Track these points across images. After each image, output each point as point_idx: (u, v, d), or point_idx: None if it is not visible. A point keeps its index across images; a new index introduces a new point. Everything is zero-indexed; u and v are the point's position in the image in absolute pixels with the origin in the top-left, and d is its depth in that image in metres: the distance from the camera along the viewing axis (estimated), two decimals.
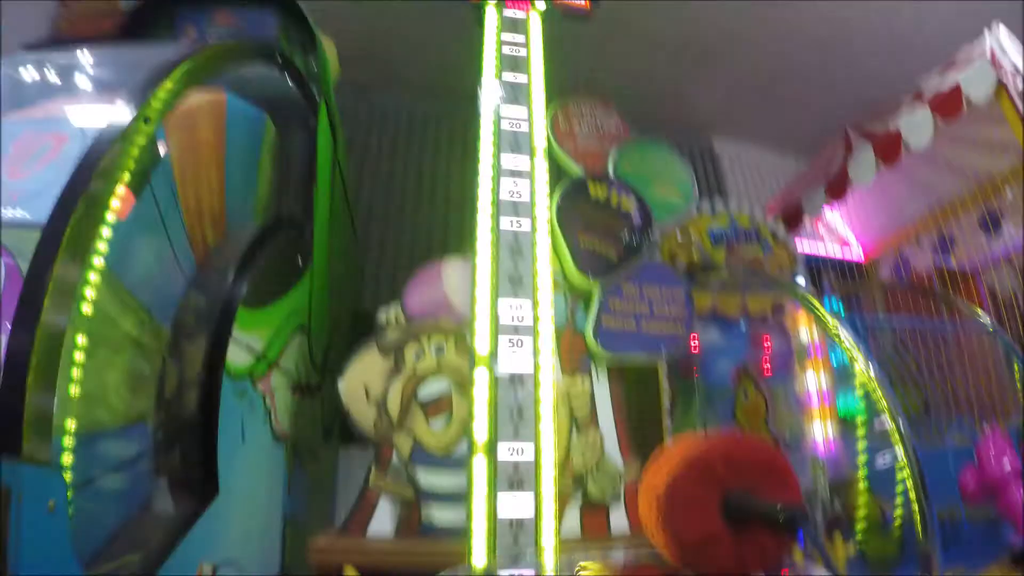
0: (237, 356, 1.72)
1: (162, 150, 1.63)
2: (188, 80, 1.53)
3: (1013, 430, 2.12)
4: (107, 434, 1.38)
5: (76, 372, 1.19)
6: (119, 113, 1.37)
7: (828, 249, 3.98)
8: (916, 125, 2.83)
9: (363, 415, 2.00)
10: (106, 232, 1.23)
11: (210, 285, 1.71)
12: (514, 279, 2.03)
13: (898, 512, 2.31)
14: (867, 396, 2.75)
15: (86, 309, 1.19)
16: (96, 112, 1.61)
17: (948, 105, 2.69)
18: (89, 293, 1.19)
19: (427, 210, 4.24)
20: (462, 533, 1.81)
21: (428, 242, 4.10)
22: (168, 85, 1.45)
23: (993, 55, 2.56)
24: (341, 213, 3.04)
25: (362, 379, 2.01)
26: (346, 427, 2.12)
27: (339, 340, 2.88)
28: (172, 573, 1.31)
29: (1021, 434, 2.13)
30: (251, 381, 1.83)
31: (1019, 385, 2.67)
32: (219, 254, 1.81)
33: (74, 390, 1.18)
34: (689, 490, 1.06)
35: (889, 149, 2.98)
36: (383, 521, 1.97)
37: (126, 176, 1.30)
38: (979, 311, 2.99)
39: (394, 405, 1.99)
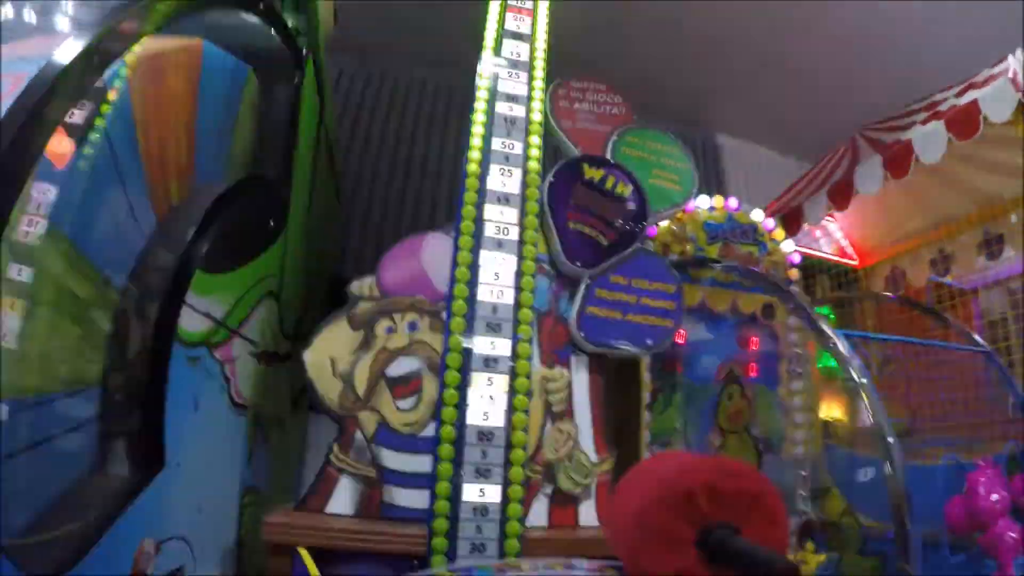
0: (192, 322, 1.62)
1: (114, 96, 1.51)
2: (147, 22, 1.41)
3: (1003, 458, 2.06)
4: (52, 398, 1.29)
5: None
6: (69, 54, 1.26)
7: (824, 253, 3.92)
8: (929, 139, 2.75)
9: (328, 389, 1.91)
10: (44, 186, 1.13)
11: (169, 245, 1.61)
12: (497, 259, 1.95)
13: (878, 527, 2.27)
14: (855, 406, 2.70)
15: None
16: (64, 52, 1.50)
17: (964, 122, 2.62)
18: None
19: (418, 181, 4.14)
20: (424, 517, 1.75)
21: (416, 214, 4.01)
22: (125, 24, 1.34)
23: (1015, 77, 2.49)
24: (324, 177, 2.93)
25: (329, 351, 1.91)
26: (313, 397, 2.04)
27: (314, 309, 2.79)
28: (111, 549, 1.24)
29: (1010, 465, 2.08)
30: (208, 348, 1.73)
31: (1010, 412, 2.62)
32: (181, 212, 1.70)
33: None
34: (665, 521, 0.94)
35: (898, 161, 2.91)
36: (343, 499, 1.89)
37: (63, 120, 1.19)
38: (972, 332, 2.94)
39: (361, 381, 1.90)
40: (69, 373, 1.34)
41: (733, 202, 2.67)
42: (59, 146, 1.30)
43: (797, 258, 2.73)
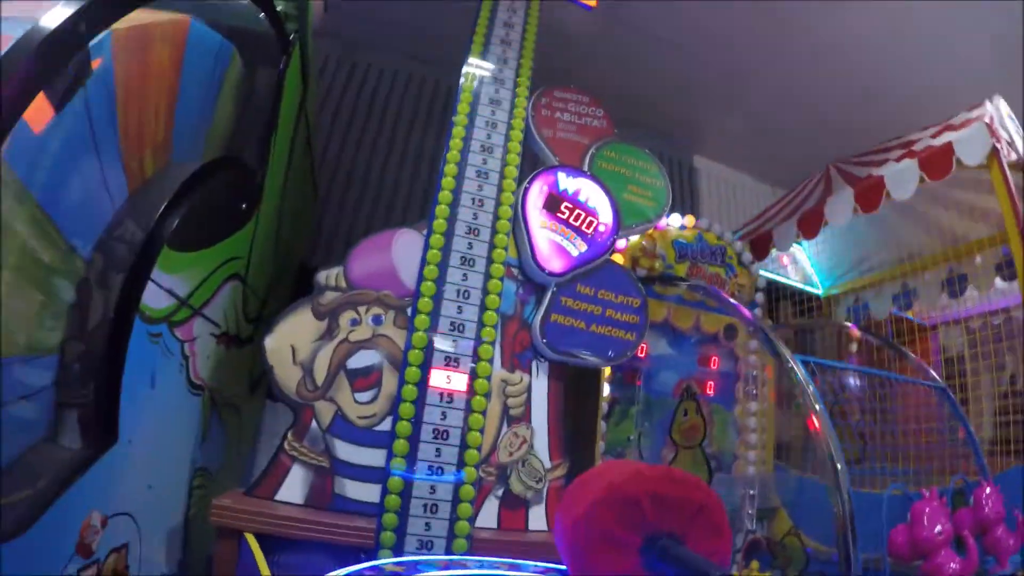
0: (155, 299, 1.60)
1: (96, 65, 1.50)
2: None
3: (949, 491, 2.13)
4: (7, 362, 1.26)
5: None
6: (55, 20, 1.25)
7: (789, 280, 4.01)
8: (901, 177, 2.82)
9: (286, 376, 1.90)
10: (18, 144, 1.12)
11: (138, 219, 1.59)
12: (466, 259, 1.96)
13: (823, 550, 2.31)
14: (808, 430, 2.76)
15: None
16: (51, 18, 1.48)
17: (937, 163, 2.68)
18: None
19: (395, 177, 4.12)
20: (374, 510, 1.75)
21: (390, 210, 4.00)
22: None
23: (991, 123, 2.57)
24: (300, 164, 2.91)
25: (290, 338, 1.91)
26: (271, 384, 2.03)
27: (279, 295, 2.77)
28: (58, 520, 1.22)
29: (955, 499, 2.14)
30: (169, 326, 1.71)
31: (959, 447, 2.70)
32: (153, 187, 1.68)
33: None
34: (609, 526, 0.95)
35: (869, 196, 2.98)
36: (294, 488, 1.88)
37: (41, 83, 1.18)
38: (929, 368, 3.02)
39: (320, 370, 1.90)
40: (27, 339, 1.32)
41: (704, 223, 2.72)
42: (38, 111, 1.28)
43: (763, 282, 2.79)
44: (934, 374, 2.96)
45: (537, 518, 1.97)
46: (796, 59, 4.18)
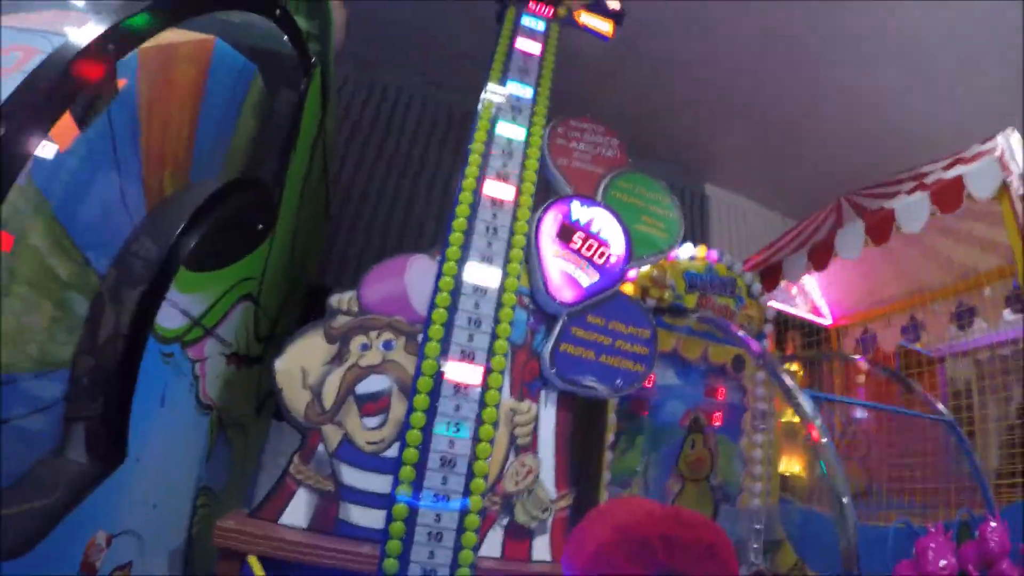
0: (169, 318, 1.61)
1: (123, 83, 1.53)
2: (165, 16, 1.43)
3: (955, 524, 2.10)
4: (21, 378, 1.27)
5: None
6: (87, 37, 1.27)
7: (798, 311, 4.00)
8: (912, 210, 2.83)
9: (295, 399, 1.90)
10: (43, 164, 1.14)
11: (155, 237, 1.61)
12: (479, 287, 1.97)
13: None
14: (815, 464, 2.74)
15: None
16: (76, 30, 1.51)
17: (948, 196, 2.69)
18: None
19: (408, 201, 4.15)
20: (378, 537, 1.74)
21: (402, 234, 4.02)
22: (142, 17, 1.36)
23: (1002, 156, 2.58)
24: (316, 186, 2.94)
25: (300, 361, 1.91)
26: (279, 406, 2.03)
27: (289, 316, 2.78)
28: (64, 538, 1.22)
29: (961, 532, 2.12)
30: (181, 345, 1.72)
31: (966, 480, 2.68)
32: (171, 206, 1.70)
33: None
34: (619, 566, 0.97)
35: (880, 228, 2.99)
36: (298, 511, 1.88)
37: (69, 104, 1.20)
38: (936, 401, 3.00)
39: (330, 394, 1.90)
40: (40, 352, 1.33)
41: (714, 254, 2.73)
42: (63, 129, 1.30)
43: (771, 313, 2.79)
44: (941, 407, 2.94)
45: (541, 549, 1.95)
46: (809, 90, 4.22)
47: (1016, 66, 3.74)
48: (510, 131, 2.21)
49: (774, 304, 2.84)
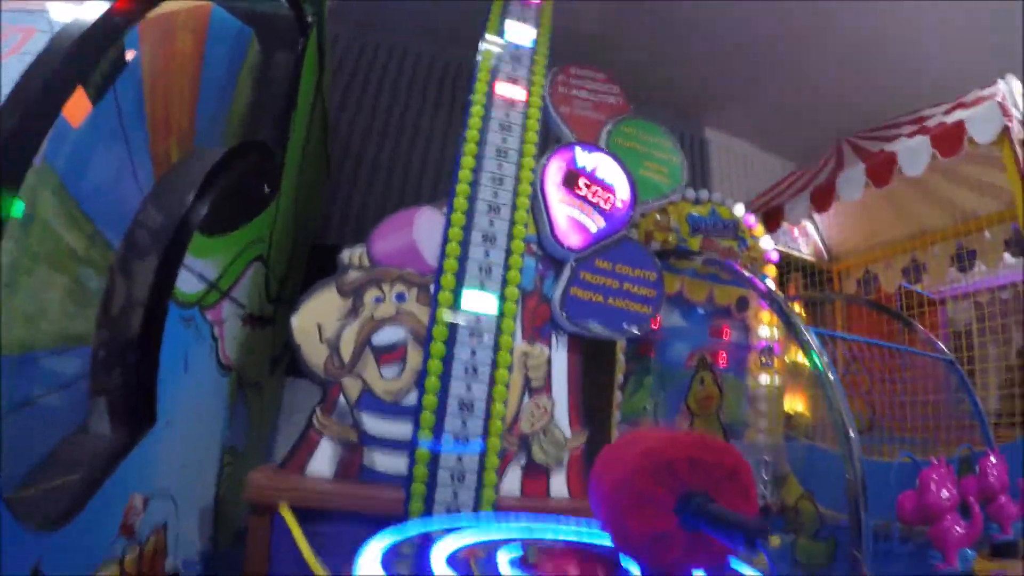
0: (187, 283, 1.63)
1: (131, 56, 1.52)
2: None
3: (955, 460, 2.18)
4: (45, 354, 1.30)
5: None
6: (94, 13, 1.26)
7: (800, 252, 4.02)
8: (913, 153, 2.83)
9: (314, 354, 1.95)
10: (54, 143, 1.14)
11: (167, 205, 1.61)
12: (487, 236, 1.99)
13: (833, 515, 2.36)
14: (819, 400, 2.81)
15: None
16: (74, 10, 1.50)
17: (949, 140, 2.69)
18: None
19: (407, 156, 4.13)
20: (402, 481, 1.81)
21: (403, 190, 4.01)
22: None
23: (1003, 101, 2.57)
24: (316, 145, 2.94)
25: (316, 317, 1.96)
26: (294, 361, 2.07)
27: (295, 275, 2.81)
28: (103, 504, 1.25)
29: (961, 467, 2.19)
30: (200, 309, 1.75)
31: (966, 418, 2.74)
32: (180, 173, 1.70)
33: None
34: (648, 488, 1.01)
35: (881, 171, 2.99)
36: (323, 462, 1.95)
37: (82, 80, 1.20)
38: (937, 340, 3.05)
39: (347, 347, 1.95)
40: (59, 329, 1.34)
41: (717, 196, 2.74)
42: (76, 106, 1.30)
43: (775, 255, 2.82)
44: (942, 346, 2.99)
45: (558, 485, 2.03)
46: (809, 33, 4.15)
47: (1017, 11, 3.68)
48: (511, 80, 2.20)
49: (776, 246, 2.86)
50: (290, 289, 2.67)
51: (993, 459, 2.05)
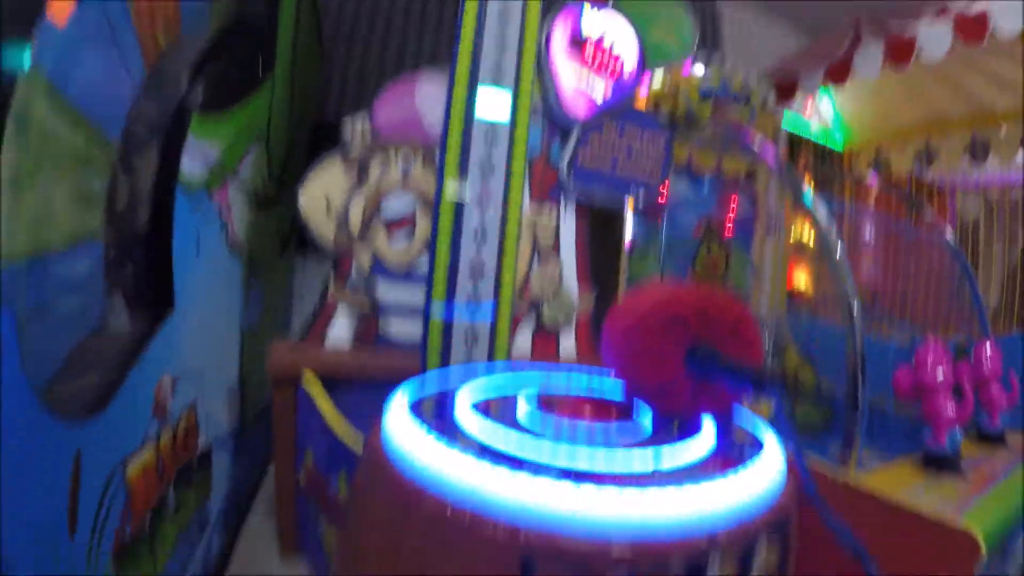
0: (192, 167, 1.62)
1: None
2: None
3: (952, 345, 2.20)
4: (56, 256, 1.29)
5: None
6: None
7: (812, 129, 3.92)
8: (934, 38, 2.68)
9: (323, 227, 1.97)
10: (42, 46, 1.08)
11: (162, 91, 1.55)
12: (494, 102, 1.94)
13: (830, 384, 2.45)
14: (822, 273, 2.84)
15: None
16: None
17: (972, 29, 2.53)
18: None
19: (403, 24, 3.92)
20: (417, 346, 1.87)
21: (399, 61, 3.83)
22: None
23: None
24: (308, 18, 2.80)
25: (323, 190, 1.95)
26: (303, 239, 2.08)
27: (298, 154, 2.78)
28: (134, 389, 1.30)
29: (957, 353, 2.21)
30: (207, 192, 1.74)
31: (966, 308, 2.74)
32: (172, 57, 1.63)
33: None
34: (658, 339, 1.05)
35: (900, 52, 2.85)
36: (341, 332, 2.01)
37: None
38: (945, 226, 3.03)
39: (356, 218, 1.96)
40: (69, 228, 1.31)
41: (729, 65, 2.64)
42: (60, 7, 1.23)
43: (784, 132, 2.75)
44: (949, 233, 2.97)
45: (567, 346, 2.10)
46: None
47: None
48: None
49: (787, 126, 2.78)
50: (294, 169, 2.65)
51: (988, 349, 2.07)
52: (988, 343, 2.07)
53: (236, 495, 2.10)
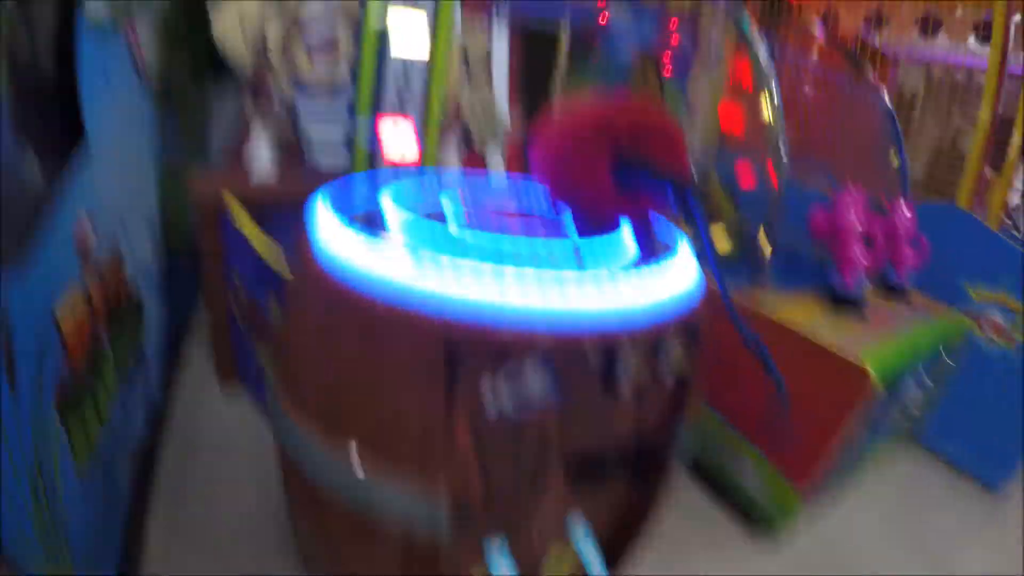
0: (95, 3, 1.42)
1: None
2: None
3: (871, 200, 2.25)
4: None
5: None
6: None
7: None
8: None
9: (240, 51, 1.80)
10: None
11: None
12: None
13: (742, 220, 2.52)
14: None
15: None
16: None
17: None
18: None
19: None
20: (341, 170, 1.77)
21: None
22: None
23: None
24: None
25: (239, 14, 1.75)
26: (218, 69, 1.90)
27: None
28: (53, 229, 1.17)
29: (875, 206, 2.24)
30: (113, 24, 1.55)
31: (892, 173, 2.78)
32: None
33: None
34: (585, 149, 1.02)
35: None
36: (262, 157, 1.91)
37: None
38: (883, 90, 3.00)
39: (274, 41, 1.78)
40: None
41: None
42: None
43: None
44: (886, 98, 2.94)
45: (495, 162, 2.08)
46: None
47: None
48: None
49: None
50: None
51: (906, 208, 2.11)
52: (906, 205, 2.10)
53: (171, 331, 2.09)
